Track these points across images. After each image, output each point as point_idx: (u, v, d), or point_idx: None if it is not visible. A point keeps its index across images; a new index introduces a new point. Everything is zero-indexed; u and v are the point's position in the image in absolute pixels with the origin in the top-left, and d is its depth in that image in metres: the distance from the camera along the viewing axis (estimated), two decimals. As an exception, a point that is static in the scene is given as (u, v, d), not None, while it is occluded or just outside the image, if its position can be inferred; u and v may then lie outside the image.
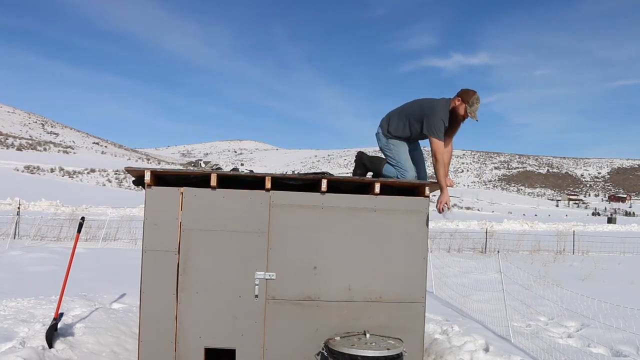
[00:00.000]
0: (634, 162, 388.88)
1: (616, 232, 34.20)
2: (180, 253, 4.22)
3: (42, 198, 40.61)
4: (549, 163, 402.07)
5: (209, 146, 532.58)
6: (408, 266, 4.42)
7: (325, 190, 4.34)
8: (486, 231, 22.59)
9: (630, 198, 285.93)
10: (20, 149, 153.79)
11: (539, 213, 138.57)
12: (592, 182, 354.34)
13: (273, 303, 4.27)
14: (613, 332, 6.06)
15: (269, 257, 4.28)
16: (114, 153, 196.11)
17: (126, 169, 4.33)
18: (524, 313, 7.60)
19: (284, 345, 4.26)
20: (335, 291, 4.33)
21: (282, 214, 4.32)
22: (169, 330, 4.19)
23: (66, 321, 5.64)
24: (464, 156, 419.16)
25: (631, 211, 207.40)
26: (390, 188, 4.54)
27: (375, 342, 3.96)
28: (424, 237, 4.49)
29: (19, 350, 4.61)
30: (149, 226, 4.22)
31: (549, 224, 44.32)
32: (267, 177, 4.28)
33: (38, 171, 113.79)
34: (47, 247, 15.15)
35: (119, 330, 5.76)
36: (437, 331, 6.43)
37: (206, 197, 4.27)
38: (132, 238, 18.27)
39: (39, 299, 7.01)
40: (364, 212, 4.40)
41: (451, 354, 5.49)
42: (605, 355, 5.78)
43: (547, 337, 6.53)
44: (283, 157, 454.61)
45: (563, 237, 22.54)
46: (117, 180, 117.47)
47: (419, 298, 4.44)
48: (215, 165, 5.07)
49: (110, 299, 7.36)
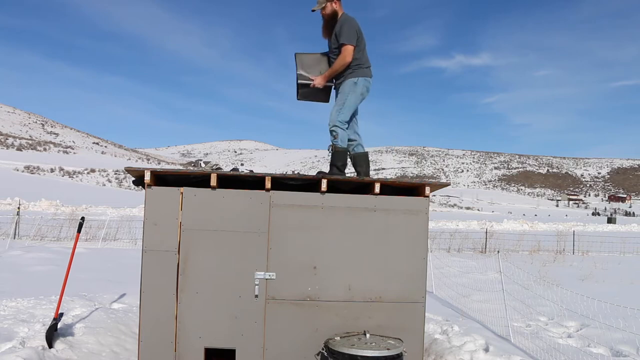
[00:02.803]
0: (634, 162, 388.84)
1: (616, 232, 34.22)
2: (180, 253, 4.22)
3: (42, 198, 40.63)
4: (549, 163, 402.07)
5: (209, 146, 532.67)
6: (408, 266, 4.42)
7: (325, 190, 4.34)
8: (486, 231, 22.60)
9: (630, 198, 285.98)
10: (20, 149, 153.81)
11: (539, 213, 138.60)
12: (592, 182, 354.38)
13: (273, 303, 4.26)
14: (613, 332, 6.06)
15: (269, 257, 4.28)
16: (114, 153, 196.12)
17: (126, 169, 4.33)
18: (524, 313, 7.60)
19: (284, 345, 4.26)
20: (335, 291, 4.33)
21: (282, 214, 4.32)
22: (169, 330, 4.18)
23: (66, 321, 5.64)
24: (464, 156, 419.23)
25: (631, 211, 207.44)
26: (390, 188, 4.55)
27: (375, 342, 3.96)
28: (424, 237, 4.49)
29: (19, 350, 4.61)
30: (149, 226, 4.22)
31: (549, 224, 44.35)
32: (267, 177, 4.28)
33: (38, 171, 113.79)
34: (47, 247, 15.15)
35: (119, 330, 5.76)
36: (437, 331, 6.43)
37: (206, 197, 4.27)
38: (132, 238, 18.28)
39: (39, 299, 7.01)
40: (364, 212, 4.40)
41: (451, 354, 5.49)
42: (605, 355, 5.78)
43: (547, 337, 6.53)
44: (283, 157, 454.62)
45: (563, 237, 22.54)
46: (117, 180, 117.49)
47: (419, 298, 4.44)
48: (215, 165, 5.06)
49: (110, 299, 7.37)
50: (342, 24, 4.55)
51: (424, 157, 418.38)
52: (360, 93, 4.61)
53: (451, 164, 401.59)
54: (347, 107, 4.57)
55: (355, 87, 4.60)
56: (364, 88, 4.63)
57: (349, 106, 4.58)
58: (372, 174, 4.94)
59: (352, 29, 4.52)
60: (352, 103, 4.59)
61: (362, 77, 4.61)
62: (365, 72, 4.62)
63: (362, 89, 4.62)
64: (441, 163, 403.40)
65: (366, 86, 4.64)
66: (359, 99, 4.64)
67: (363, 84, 4.61)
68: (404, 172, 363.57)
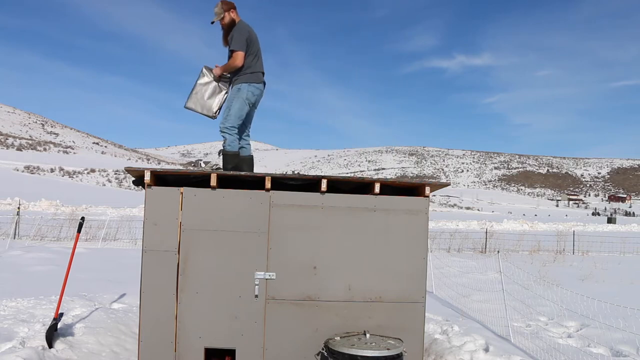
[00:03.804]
0: (634, 162, 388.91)
1: (616, 232, 34.22)
2: (180, 253, 4.22)
3: (42, 198, 40.63)
4: (549, 163, 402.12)
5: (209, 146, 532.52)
6: (408, 266, 4.42)
7: (325, 190, 4.34)
8: (486, 231, 22.60)
9: (630, 198, 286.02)
10: (20, 149, 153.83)
11: (539, 213, 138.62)
12: (592, 182, 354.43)
13: (273, 303, 4.27)
14: (613, 332, 6.07)
15: (269, 257, 4.28)
16: (114, 153, 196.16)
17: (126, 169, 4.33)
18: (524, 313, 7.60)
19: (284, 345, 4.26)
20: (335, 291, 4.33)
21: (282, 213, 4.32)
22: (169, 330, 4.18)
23: (66, 321, 5.64)
24: (464, 156, 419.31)
25: (631, 211, 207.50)
26: (391, 188, 4.55)
27: (375, 342, 3.96)
28: (424, 237, 4.49)
29: (19, 350, 4.61)
30: (149, 226, 4.22)
31: (549, 224, 44.34)
32: (267, 177, 4.28)
33: (38, 171, 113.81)
34: (47, 247, 15.15)
35: (119, 330, 5.76)
36: (437, 331, 6.43)
37: (206, 197, 4.27)
38: (132, 238, 18.28)
39: (39, 299, 7.01)
40: (364, 212, 4.40)
41: (451, 354, 5.49)
42: (605, 355, 5.78)
43: (547, 337, 6.53)
44: (283, 157, 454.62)
45: (563, 237, 22.54)
46: (117, 180, 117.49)
47: (419, 298, 4.44)
48: (215, 165, 5.07)
49: (110, 299, 7.37)
50: (234, 32, 4.78)
51: (424, 157, 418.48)
52: (244, 98, 4.78)
53: (451, 164, 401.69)
54: (233, 113, 4.78)
55: (239, 93, 4.81)
56: (249, 93, 4.80)
57: (234, 112, 4.77)
58: (372, 174, 4.94)
59: (242, 36, 4.75)
60: (236, 109, 4.77)
61: (245, 83, 4.80)
62: (250, 77, 4.80)
63: (247, 94, 4.79)
64: (441, 163, 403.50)
65: (251, 91, 4.81)
66: (244, 104, 4.80)
67: (247, 89, 4.79)
68: (404, 172, 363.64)
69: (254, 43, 4.82)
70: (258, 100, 4.94)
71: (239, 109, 4.77)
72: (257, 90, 4.83)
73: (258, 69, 4.84)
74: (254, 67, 4.81)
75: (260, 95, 4.91)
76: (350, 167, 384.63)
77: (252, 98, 4.82)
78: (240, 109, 4.77)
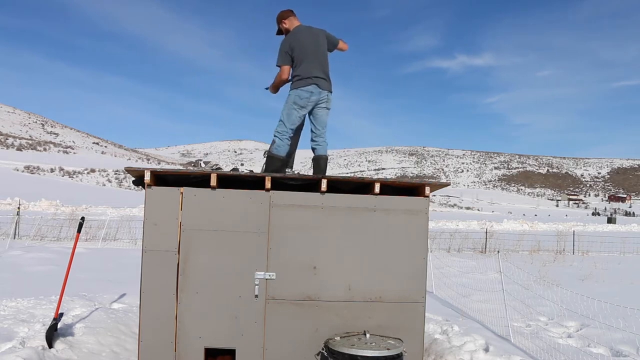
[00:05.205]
0: (634, 162, 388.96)
1: (616, 232, 34.22)
2: (180, 253, 4.22)
3: (42, 198, 40.62)
4: (549, 163, 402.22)
5: (209, 146, 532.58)
6: (408, 266, 4.42)
7: (325, 190, 4.34)
8: (486, 231, 22.60)
9: (630, 198, 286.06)
10: (20, 149, 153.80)
11: (539, 213, 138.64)
12: (592, 182, 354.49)
13: (273, 303, 4.27)
14: (613, 332, 6.07)
15: (269, 257, 4.28)
16: (114, 153, 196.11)
17: (126, 169, 4.33)
18: (524, 313, 7.60)
19: (284, 345, 4.26)
20: (335, 291, 4.33)
21: (282, 214, 4.32)
22: (169, 330, 4.18)
23: (66, 321, 5.64)
24: (464, 156, 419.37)
25: (631, 211, 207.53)
26: (391, 188, 4.55)
27: (375, 342, 3.96)
28: (424, 237, 4.49)
29: (19, 350, 4.61)
30: (149, 226, 4.22)
31: (549, 224, 44.34)
32: (267, 177, 4.28)
33: (38, 171, 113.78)
34: (47, 247, 15.15)
35: (119, 330, 5.76)
36: (437, 331, 6.44)
37: (206, 197, 4.27)
38: (132, 238, 18.28)
39: (39, 299, 7.01)
40: (364, 212, 4.40)
41: (451, 354, 5.49)
42: (605, 355, 5.78)
43: (547, 337, 6.53)
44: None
45: (563, 237, 22.54)
46: (117, 180, 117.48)
47: (419, 298, 4.44)
48: (215, 165, 5.09)
49: (110, 299, 7.37)
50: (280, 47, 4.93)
51: (424, 157, 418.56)
52: (292, 103, 4.83)
53: (451, 164, 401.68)
54: (282, 118, 4.87)
55: (287, 99, 4.90)
56: (296, 97, 4.82)
57: (283, 118, 4.86)
58: (372, 174, 4.95)
59: (282, 50, 4.86)
60: (286, 115, 4.85)
61: (292, 90, 4.87)
62: (296, 84, 4.85)
63: (294, 99, 4.83)
64: (441, 163, 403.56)
65: (298, 95, 4.82)
66: (292, 108, 4.84)
67: (294, 94, 4.83)
68: (404, 172, 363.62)
69: (296, 50, 4.82)
70: (314, 100, 4.85)
71: (287, 114, 4.83)
72: (305, 93, 4.79)
73: (304, 73, 4.81)
74: (300, 73, 4.82)
75: (311, 95, 4.81)
76: (350, 167, 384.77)
77: (300, 101, 4.80)
78: (288, 115, 4.83)
